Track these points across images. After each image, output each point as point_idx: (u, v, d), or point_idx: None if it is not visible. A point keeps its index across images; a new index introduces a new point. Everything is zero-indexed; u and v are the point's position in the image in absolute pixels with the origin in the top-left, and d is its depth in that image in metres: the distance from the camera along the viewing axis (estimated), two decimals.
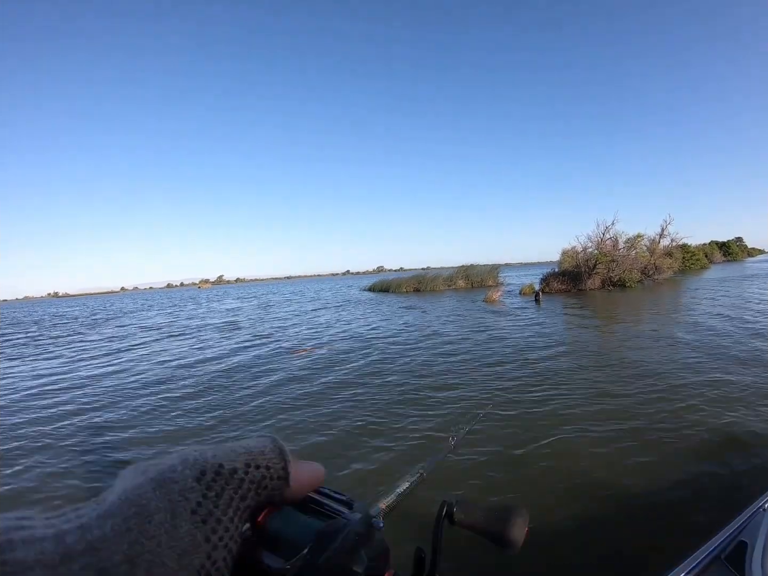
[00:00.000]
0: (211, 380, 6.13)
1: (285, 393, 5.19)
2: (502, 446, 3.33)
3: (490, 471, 2.97)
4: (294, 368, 6.52)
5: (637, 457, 3.07)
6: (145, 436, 4.12)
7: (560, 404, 4.17)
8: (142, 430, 4.26)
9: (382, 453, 3.38)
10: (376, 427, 3.92)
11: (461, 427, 1.53)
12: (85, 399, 5.64)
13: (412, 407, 4.38)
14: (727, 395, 4.19)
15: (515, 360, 6.14)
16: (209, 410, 4.72)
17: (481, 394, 4.69)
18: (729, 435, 3.34)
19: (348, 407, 4.52)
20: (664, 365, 5.38)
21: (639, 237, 21.29)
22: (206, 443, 0.31)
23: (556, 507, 2.51)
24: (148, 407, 5.02)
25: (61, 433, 4.36)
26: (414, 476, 0.87)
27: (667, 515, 2.38)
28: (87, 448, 3.91)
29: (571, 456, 3.17)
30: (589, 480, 2.81)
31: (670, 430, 3.46)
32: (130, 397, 5.53)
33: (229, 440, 0.31)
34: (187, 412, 4.71)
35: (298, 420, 4.23)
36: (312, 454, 3.43)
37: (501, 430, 3.62)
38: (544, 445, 3.36)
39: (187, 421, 4.42)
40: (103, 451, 3.84)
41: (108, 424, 4.56)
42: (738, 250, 54.42)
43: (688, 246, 31.13)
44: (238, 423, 4.27)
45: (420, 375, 5.71)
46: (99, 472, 3.43)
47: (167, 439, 3.99)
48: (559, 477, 2.87)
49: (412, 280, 25.54)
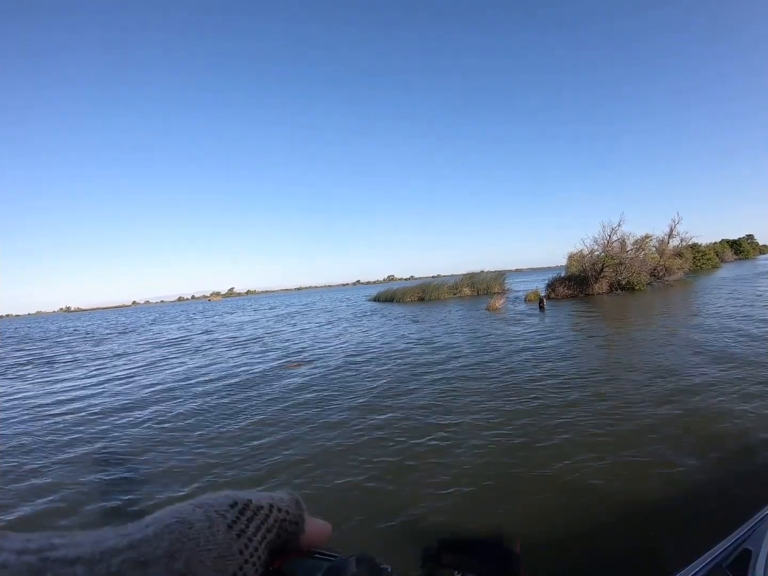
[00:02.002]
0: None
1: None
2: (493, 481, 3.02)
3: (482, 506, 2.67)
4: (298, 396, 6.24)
5: (635, 462, 3.05)
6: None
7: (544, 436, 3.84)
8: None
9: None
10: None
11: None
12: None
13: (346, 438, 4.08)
14: (735, 404, 4.00)
15: (497, 381, 5.79)
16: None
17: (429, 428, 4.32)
18: (739, 443, 3.25)
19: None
20: (671, 376, 5.00)
21: (647, 238, 20.79)
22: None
23: (553, 516, 2.51)
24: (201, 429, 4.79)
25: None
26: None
27: (669, 523, 2.36)
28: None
29: (566, 461, 3.16)
30: (588, 487, 2.81)
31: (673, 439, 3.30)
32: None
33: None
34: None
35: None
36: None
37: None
38: (539, 455, 3.24)
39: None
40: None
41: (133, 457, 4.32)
42: (749, 248, 53.41)
43: (699, 245, 30.51)
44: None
45: (378, 397, 5.38)
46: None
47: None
48: (556, 484, 2.87)
49: (416, 289, 25.28)
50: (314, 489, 3.19)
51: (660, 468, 2.97)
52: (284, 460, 3.76)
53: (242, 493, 0.30)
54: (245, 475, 3.53)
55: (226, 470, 3.65)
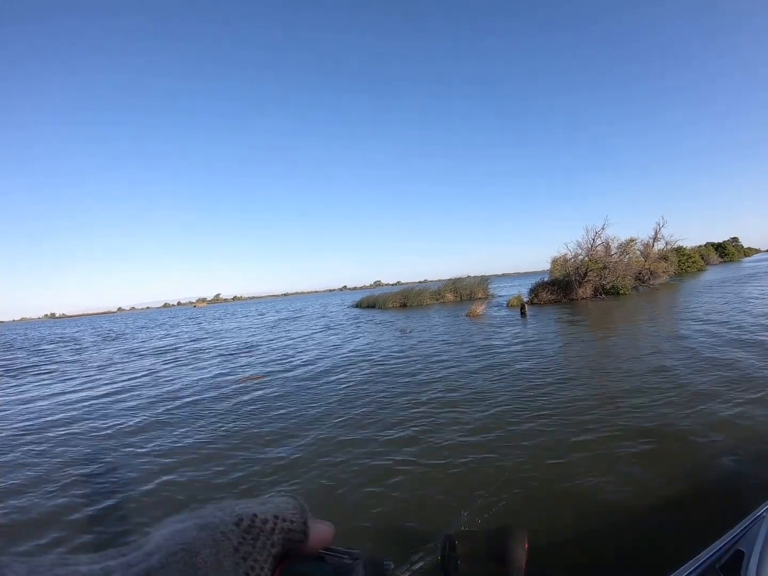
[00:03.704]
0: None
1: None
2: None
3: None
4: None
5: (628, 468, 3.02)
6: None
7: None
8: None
9: None
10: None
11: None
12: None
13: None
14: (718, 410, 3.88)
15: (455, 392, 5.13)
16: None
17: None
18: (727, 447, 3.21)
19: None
20: (650, 389, 4.42)
21: (632, 241, 20.47)
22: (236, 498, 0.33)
23: (554, 519, 2.49)
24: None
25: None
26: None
27: (662, 525, 2.34)
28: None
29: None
30: (584, 490, 2.78)
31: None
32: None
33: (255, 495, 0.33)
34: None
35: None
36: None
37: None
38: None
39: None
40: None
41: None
42: (734, 251, 53.79)
43: (684, 249, 30.38)
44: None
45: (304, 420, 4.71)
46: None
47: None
48: (551, 487, 2.83)
49: (398, 295, 24.62)
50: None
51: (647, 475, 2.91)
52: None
53: (246, 505, 0.29)
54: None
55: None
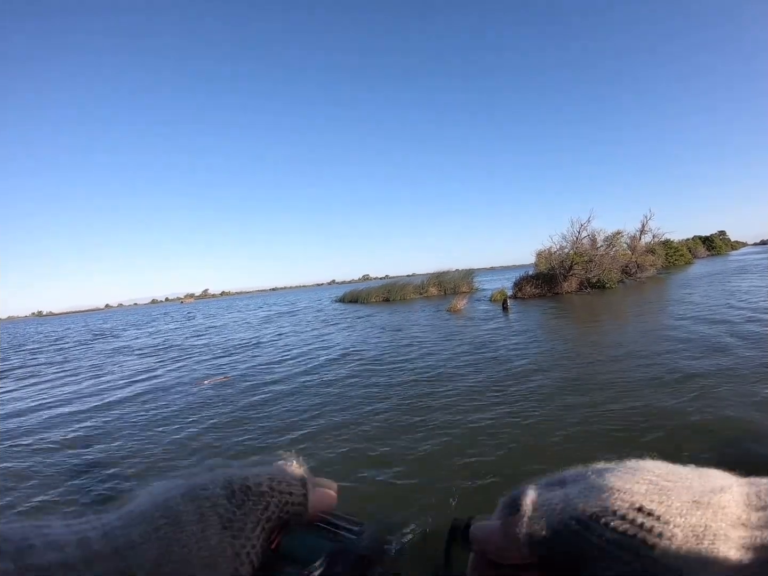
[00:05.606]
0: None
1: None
2: None
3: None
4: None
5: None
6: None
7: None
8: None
9: None
10: None
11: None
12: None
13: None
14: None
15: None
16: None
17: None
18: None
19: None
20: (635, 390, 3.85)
21: (618, 234, 20.04)
22: (231, 459, 0.30)
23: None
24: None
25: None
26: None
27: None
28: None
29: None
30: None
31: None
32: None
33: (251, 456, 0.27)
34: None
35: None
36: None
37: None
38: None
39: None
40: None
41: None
42: (722, 244, 54.03)
43: (671, 242, 30.08)
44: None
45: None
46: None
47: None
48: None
49: (381, 290, 23.95)
50: None
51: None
52: None
53: (241, 471, 0.26)
54: None
55: None
